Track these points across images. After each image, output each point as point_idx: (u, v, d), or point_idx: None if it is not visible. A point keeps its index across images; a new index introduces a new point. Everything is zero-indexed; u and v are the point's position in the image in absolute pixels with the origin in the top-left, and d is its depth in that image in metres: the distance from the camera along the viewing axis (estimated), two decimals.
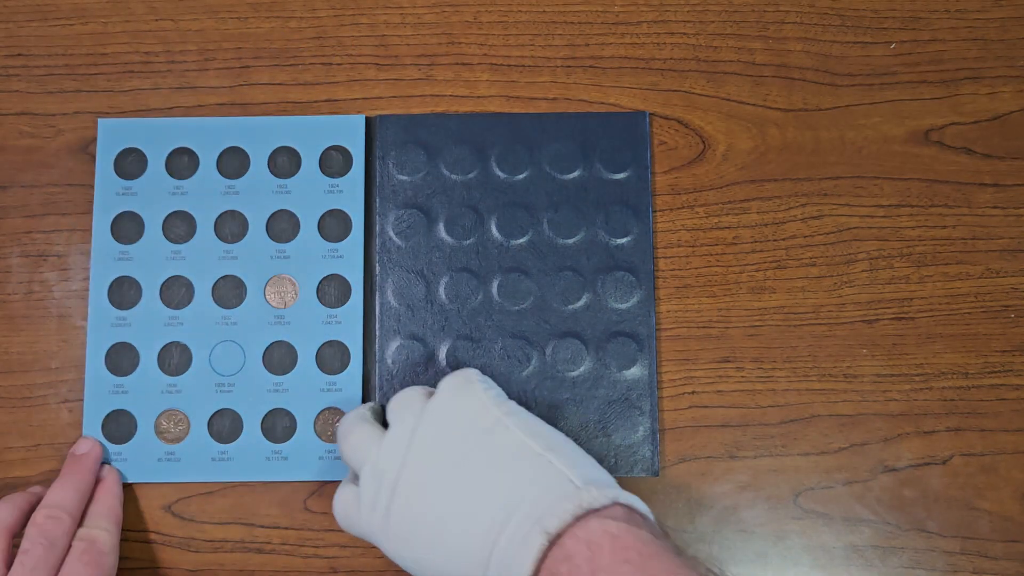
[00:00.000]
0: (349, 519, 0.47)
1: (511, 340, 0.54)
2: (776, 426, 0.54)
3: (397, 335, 0.54)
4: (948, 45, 0.58)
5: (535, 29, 0.58)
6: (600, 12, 0.58)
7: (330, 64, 0.57)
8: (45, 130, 0.56)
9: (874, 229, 0.56)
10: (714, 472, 0.54)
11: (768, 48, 0.58)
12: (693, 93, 0.57)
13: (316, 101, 0.57)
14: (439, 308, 0.54)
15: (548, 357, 0.54)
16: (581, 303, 0.55)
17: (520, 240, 0.55)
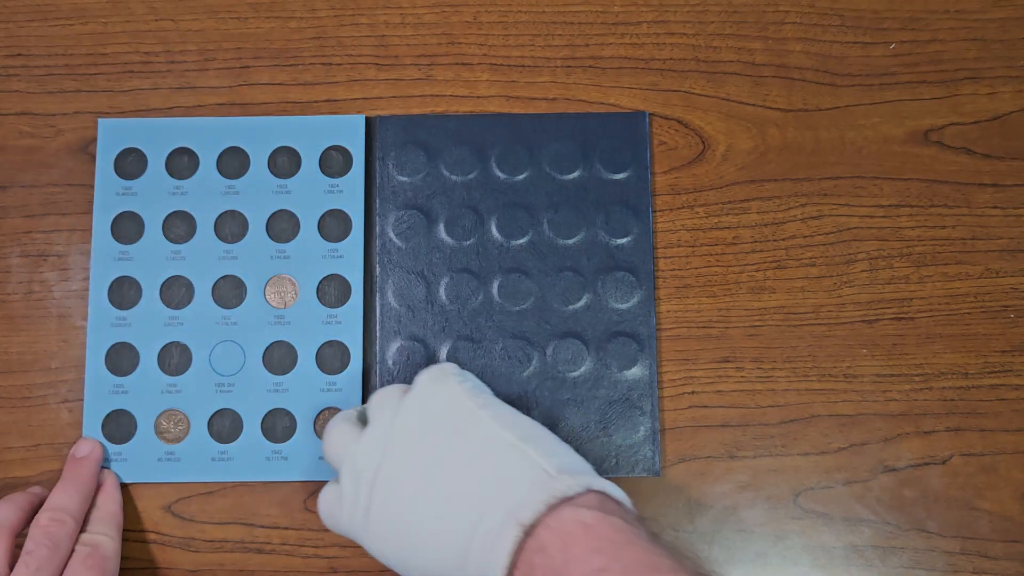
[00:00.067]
0: (333, 518, 0.47)
1: (512, 341, 0.54)
2: (776, 426, 0.54)
3: (398, 336, 0.54)
4: (948, 45, 0.58)
5: (535, 29, 0.58)
6: (600, 12, 0.58)
7: (330, 64, 0.57)
8: (45, 130, 0.56)
9: (874, 229, 0.56)
10: (714, 472, 0.54)
11: (768, 48, 0.58)
12: (693, 93, 0.57)
13: (316, 101, 0.57)
14: (439, 309, 0.54)
15: (549, 357, 0.54)
16: (581, 303, 0.55)
17: (520, 241, 0.55)
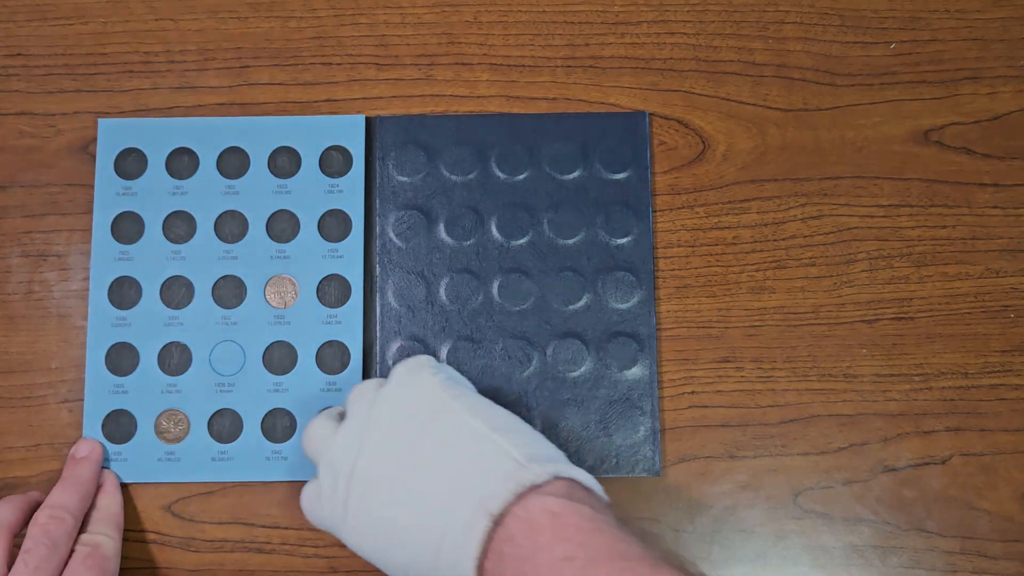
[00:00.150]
0: (314, 513, 0.47)
1: (512, 341, 0.54)
2: (776, 426, 0.54)
3: (398, 336, 0.54)
4: (948, 45, 0.58)
5: (535, 29, 0.58)
6: (600, 12, 0.58)
7: (330, 64, 0.57)
8: (45, 130, 0.56)
9: (874, 229, 0.56)
10: (714, 472, 0.54)
11: (768, 48, 0.58)
12: (693, 93, 0.57)
13: (316, 101, 0.57)
14: (440, 309, 0.54)
15: (549, 358, 0.54)
16: (581, 303, 0.55)
17: (520, 241, 0.55)
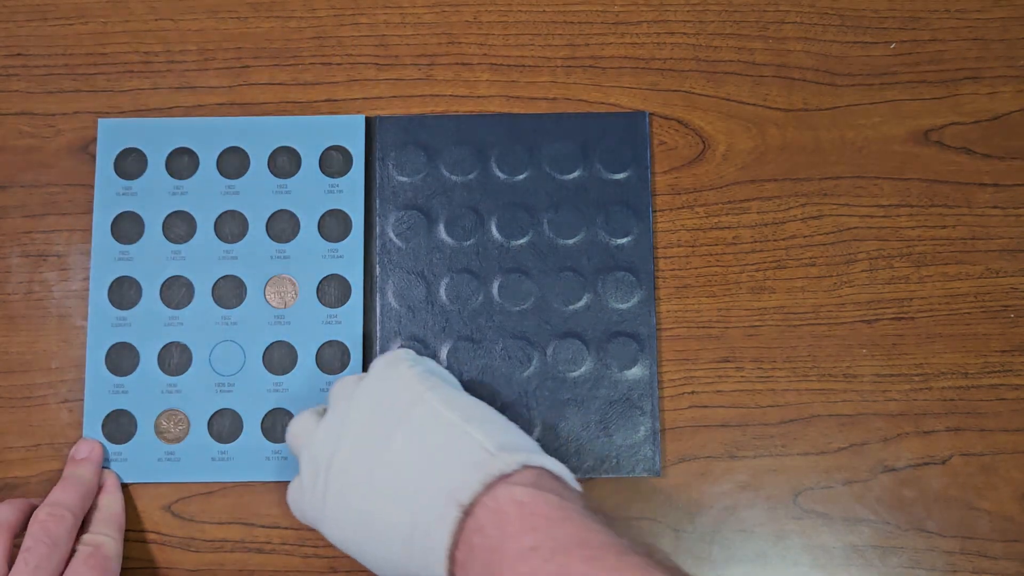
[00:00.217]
0: (297, 507, 0.47)
1: (512, 341, 0.54)
2: (776, 426, 0.54)
3: (398, 336, 0.54)
4: (948, 45, 0.58)
5: (535, 29, 0.58)
6: (600, 12, 0.58)
7: (330, 64, 0.57)
8: (45, 130, 0.56)
9: (874, 229, 0.56)
10: (714, 472, 0.54)
11: (768, 48, 0.58)
12: (693, 93, 0.57)
13: (316, 101, 0.57)
14: (440, 309, 0.54)
15: (549, 358, 0.54)
16: (582, 303, 0.55)
17: (520, 241, 0.55)
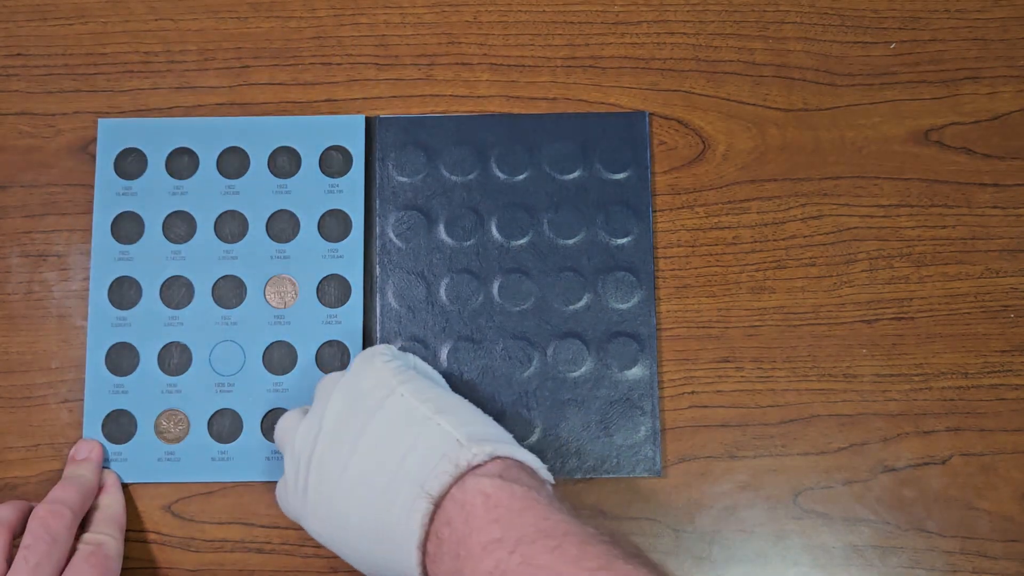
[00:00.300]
0: (283, 504, 0.48)
1: (512, 341, 0.54)
2: (776, 426, 0.54)
3: (398, 337, 0.54)
4: (948, 45, 0.58)
5: (535, 29, 0.58)
6: (600, 12, 0.58)
7: (330, 64, 0.57)
8: (45, 130, 0.56)
9: (874, 229, 0.56)
10: (714, 472, 0.54)
11: (768, 48, 0.58)
12: (693, 93, 0.57)
13: (316, 101, 0.57)
14: (440, 309, 0.54)
15: (549, 358, 0.54)
16: (582, 303, 0.54)
17: (520, 241, 0.55)
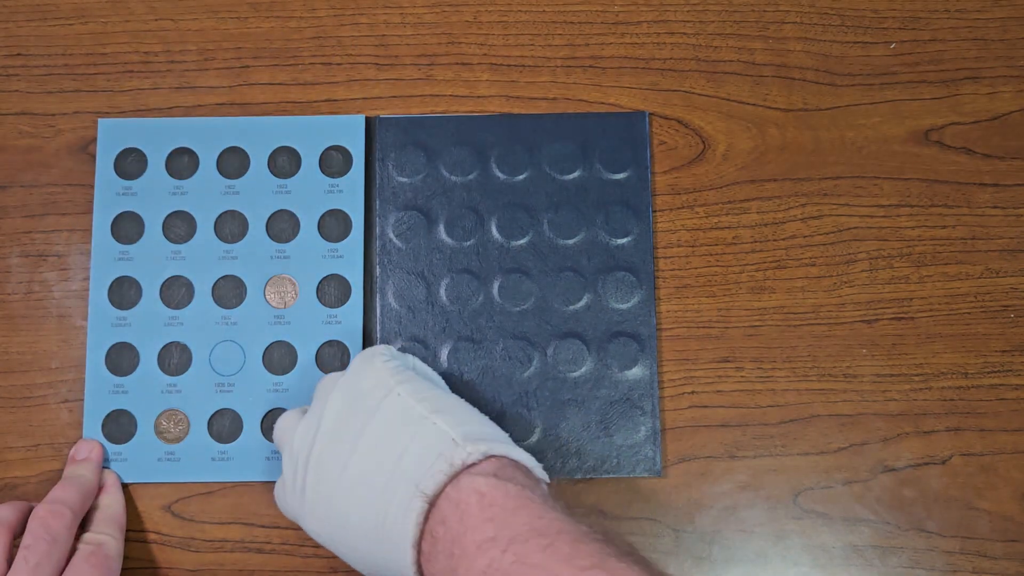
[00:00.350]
0: (281, 503, 0.48)
1: (512, 341, 0.54)
2: (776, 426, 0.54)
3: (399, 337, 0.54)
4: (948, 45, 0.58)
5: (535, 29, 0.58)
6: (600, 12, 0.58)
7: (330, 64, 0.57)
8: (45, 130, 0.56)
9: (874, 229, 0.56)
10: (714, 472, 0.54)
11: (768, 48, 0.58)
12: (693, 93, 0.57)
13: (316, 101, 0.57)
14: (440, 310, 0.54)
15: (549, 358, 0.54)
16: (582, 303, 0.55)
17: (520, 241, 0.55)
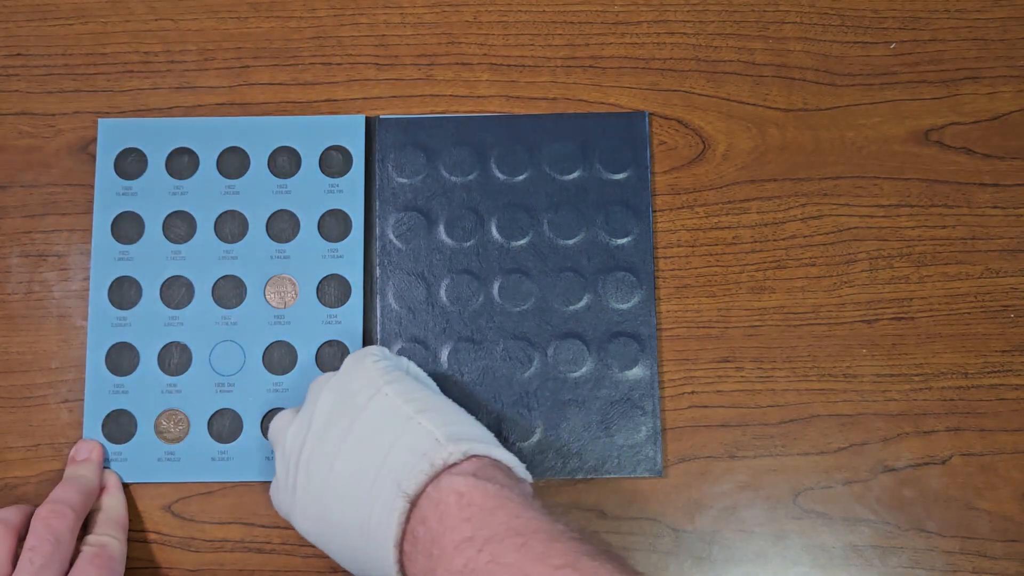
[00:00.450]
0: (275, 502, 0.48)
1: (512, 341, 0.54)
2: (776, 426, 0.54)
3: (399, 338, 0.54)
4: (948, 45, 0.58)
5: (535, 29, 0.58)
6: (600, 12, 0.58)
7: (330, 64, 0.57)
8: (45, 130, 0.56)
9: (874, 229, 0.56)
10: (714, 472, 0.54)
11: (768, 48, 0.58)
12: (693, 93, 0.57)
13: (316, 101, 0.57)
14: (440, 310, 0.54)
15: (550, 358, 0.54)
16: (582, 304, 0.55)
17: (520, 241, 0.55)
